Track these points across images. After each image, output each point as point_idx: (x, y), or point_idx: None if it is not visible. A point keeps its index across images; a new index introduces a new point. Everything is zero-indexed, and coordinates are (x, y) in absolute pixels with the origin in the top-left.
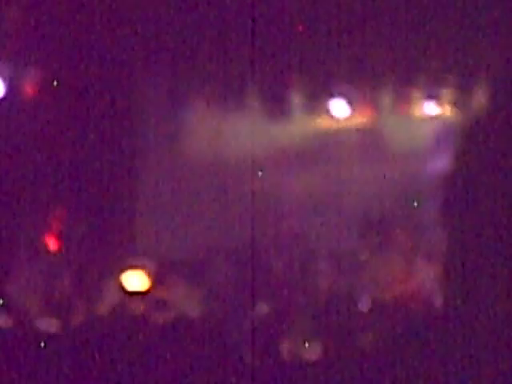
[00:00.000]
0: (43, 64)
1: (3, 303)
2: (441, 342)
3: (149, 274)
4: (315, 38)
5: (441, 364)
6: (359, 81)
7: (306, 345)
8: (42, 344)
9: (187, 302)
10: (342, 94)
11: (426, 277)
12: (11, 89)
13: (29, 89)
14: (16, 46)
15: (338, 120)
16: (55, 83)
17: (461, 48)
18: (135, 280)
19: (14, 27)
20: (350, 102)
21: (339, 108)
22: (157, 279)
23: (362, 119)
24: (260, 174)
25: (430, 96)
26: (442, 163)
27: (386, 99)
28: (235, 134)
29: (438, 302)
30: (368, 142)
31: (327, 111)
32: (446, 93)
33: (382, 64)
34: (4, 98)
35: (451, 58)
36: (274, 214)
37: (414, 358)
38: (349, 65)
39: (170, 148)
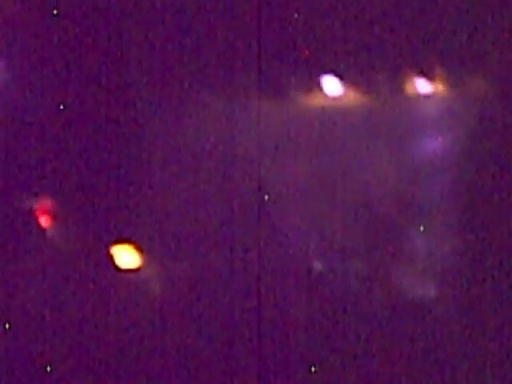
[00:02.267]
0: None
1: (10, 327)
2: (448, 361)
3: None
4: (311, 18)
5: None
6: (352, 58)
7: (313, 369)
8: (48, 368)
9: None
10: (334, 72)
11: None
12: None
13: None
14: (22, 68)
15: (330, 98)
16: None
17: (456, 25)
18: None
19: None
20: (342, 80)
21: (332, 86)
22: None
23: (354, 97)
24: (266, 197)
25: (424, 74)
26: (436, 141)
27: (380, 77)
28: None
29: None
30: (361, 119)
31: (320, 89)
32: (441, 71)
33: (376, 41)
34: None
35: (446, 36)
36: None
37: (422, 380)
38: (342, 42)
39: (174, 137)
